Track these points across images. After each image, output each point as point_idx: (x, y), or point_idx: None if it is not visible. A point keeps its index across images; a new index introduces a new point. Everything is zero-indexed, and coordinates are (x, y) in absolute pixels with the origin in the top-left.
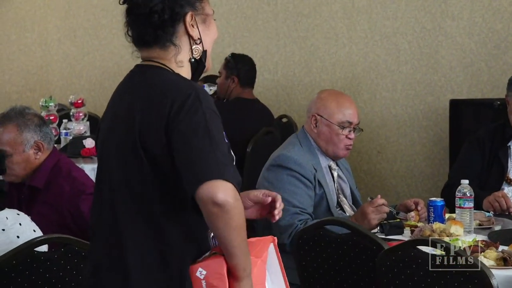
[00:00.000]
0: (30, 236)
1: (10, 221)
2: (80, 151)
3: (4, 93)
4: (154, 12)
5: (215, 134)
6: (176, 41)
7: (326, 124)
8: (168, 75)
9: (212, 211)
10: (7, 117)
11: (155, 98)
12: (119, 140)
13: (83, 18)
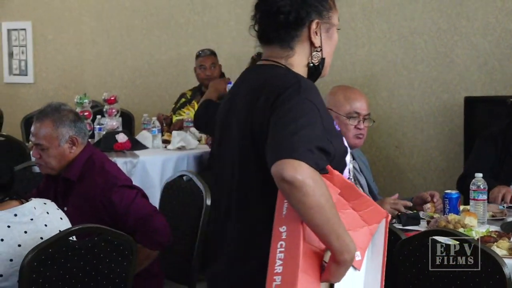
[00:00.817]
0: (57, 225)
1: (38, 211)
2: (113, 146)
3: (41, 91)
4: (280, 12)
5: (303, 121)
6: (295, 45)
7: (335, 116)
8: (279, 70)
9: (282, 188)
10: (44, 113)
11: (265, 90)
12: (238, 131)
13: (116, 20)
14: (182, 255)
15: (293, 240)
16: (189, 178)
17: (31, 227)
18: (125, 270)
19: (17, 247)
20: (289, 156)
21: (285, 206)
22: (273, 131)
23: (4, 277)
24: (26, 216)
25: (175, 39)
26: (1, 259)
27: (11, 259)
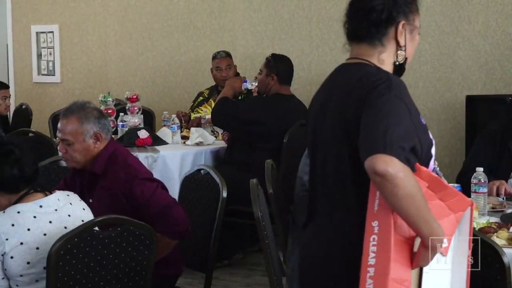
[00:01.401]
0: (80, 215)
1: (61, 202)
2: (135, 141)
3: (68, 89)
4: (374, 11)
5: (394, 118)
6: (384, 41)
7: None
8: (369, 68)
9: (375, 181)
10: (70, 111)
11: (358, 87)
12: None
13: (138, 23)
14: (199, 244)
15: (384, 233)
16: (207, 171)
17: (56, 217)
18: (146, 258)
19: (43, 236)
20: (382, 152)
21: (376, 202)
22: (365, 127)
23: (31, 264)
24: (51, 207)
25: (193, 42)
26: (29, 248)
27: (37, 247)
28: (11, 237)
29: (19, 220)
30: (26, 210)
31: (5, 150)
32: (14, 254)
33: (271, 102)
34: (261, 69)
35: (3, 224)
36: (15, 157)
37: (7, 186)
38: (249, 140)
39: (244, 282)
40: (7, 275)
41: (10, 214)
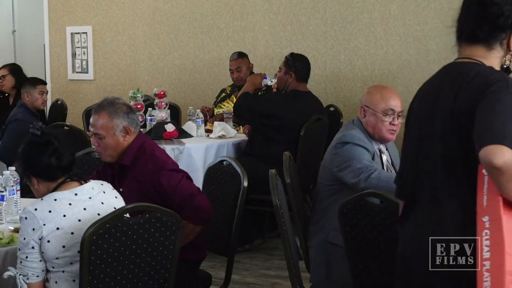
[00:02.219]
0: (112, 203)
1: (95, 191)
2: (162, 134)
3: (100, 86)
4: (503, 15)
5: (510, 114)
6: (502, 44)
7: (372, 113)
8: (483, 67)
9: (491, 172)
10: (101, 106)
11: (472, 82)
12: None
13: (165, 24)
14: (222, 230)
15: (496, 227)
16: (229, 163)
17: (89, 204)
18: (172, 243)
19: (78, 222)
20: (498, 142)
21: (484, 198)
22: (482, 118)
23: (66, 248)
24: (85, 195)
25: (216, 42)
26: (64, 232)
27: (72, 232)
28: (48, 222)
29: (56, 207)
30: (63, 197)
31: (45, 141)
32: (50, 238)
33: (289, 98)
34: (280, 67)
35: (41, 210)
36: (53, 147)
37: (45, 174)
38: (268, 133)
39: (263, 266)
40: (44, 258)
41: (48, 201)
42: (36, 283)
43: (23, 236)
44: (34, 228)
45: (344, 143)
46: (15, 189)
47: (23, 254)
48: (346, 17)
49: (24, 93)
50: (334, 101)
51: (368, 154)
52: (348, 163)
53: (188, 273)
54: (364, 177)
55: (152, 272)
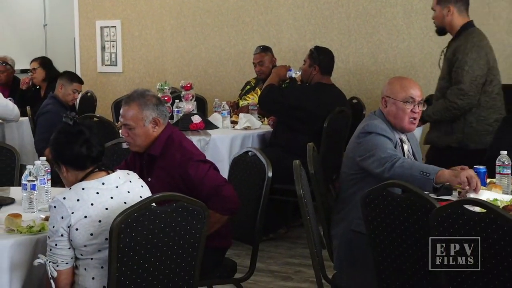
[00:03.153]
0: (138, 191)
1: (122, 180)
2: (189, 126)
3: (128, 79)
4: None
5: None
6: None
7: (393, 103)
8: None
9: None
10: (131, 98)
11: None
12: None
13: (192, 18)
14: (247, 219)
15: None
16: (254, 153)
17: (116, 193)
18: (198, 232)
19: (105, 210)
20: None
21: None
22: None
23: (94, 236)
24: (112, 184)
25: (241, 35)
26: (92, 220)
27: (99, 220)
28: (76, 210)
29: (84, 196)
30: (90, 187)
31: (77, 131)
32: (78, 226)
33: (313, 90)
34: (305, 59)
35: (69, 199)
36: (84, 137)
37: (75, 163)
38: (292, 124)
39: (287, 254)
40: (73, 245)
41: (76, 191)
42: (66, 270)
43: (52, 224)
44: (62, 216)
45: (367, 133)
46: (46, 179)
47: (53, 242)
48: (369, 11)
49: (60, 84)
50: (357, 94)
51: (391, 143)
52: (372, 153)
53: (214, 261)
54: (388, 166)
55: (178, 259)
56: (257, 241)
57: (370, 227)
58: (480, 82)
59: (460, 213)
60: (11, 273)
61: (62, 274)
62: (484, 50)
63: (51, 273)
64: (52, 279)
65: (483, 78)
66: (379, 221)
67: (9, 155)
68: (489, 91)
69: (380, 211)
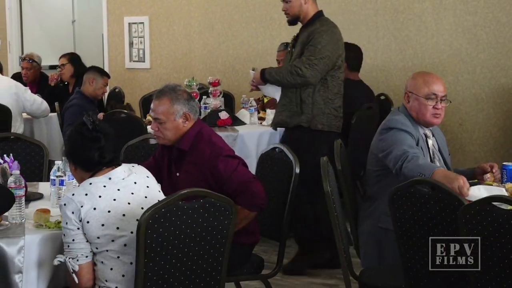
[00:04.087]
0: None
1: (127, 172)
2: (216, 122)
3: (156, 75)
4: None
5: None
6: None
7: (415, 98)
8: None
9: None
10: (162, 92)
11: None
12: None
13: (220, 14)
14: (275, 215)
15: None
16: (281, 150)
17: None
18: (226, 228)
19: (113, 201)
20: None
21: None
22: None
23: (105, 226)
24: (118, 177)
25: (269, 31)
26: (101, 211)
27: (108, 211)
28: (85, 204)
29: (91, 190)
30: (98, 181)
31: (93, 137)
32: (89, 219)
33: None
34: None
35: (77, 194)
36: (99, 145)
37: (85, 165)
38: None
39: None
40: (87, 239)
41: (83, 186)
42: (86, 263)
43: (65, 221)
44: (73, 211)
45: (388, 128)
46: None
47: (69, 238)
48: (397, 7)
49: (91, 78)
50: (385, 90)
51: (411, 138)
52: (390, 149)
53: (241, 257)
54: (399, 167)
55: (206, 255)
56: (285, 237)
57: (397, 224)
58: (328, 63)
59: (488, 210)
60: (39, 267)
61: (84, 268)
62: (336, 36)
63: (73, 267)
64: (75, 274)
65: (331, 61)
66: (406, 218)
67: (37, 150)
68: (337, 76)
69: (408, 208)
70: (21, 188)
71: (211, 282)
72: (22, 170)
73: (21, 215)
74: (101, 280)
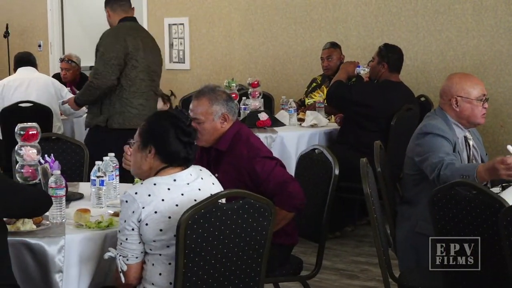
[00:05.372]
0: (209, 189)
1: (193, 177)
2: (256, 123)
3: (196, 76)
4: None
5: None
6: None
7: (467, 102)
8: None
9: None
10: (201, 93)
11: None
12: None
13: (260, 15)
14: (313, 216)
15: None
16: (320, 151)
17: (187, 190)
18: (264, 229)
19: (175, 207)
20: None
21: None
22: None
23: (163, 231)
24: (184, 181)
25: (309, 32)
26: (162, 216)
27: (169, 217)
28: (147, 205)
29: (155, 191)
30: (162, 182)
31: (188, 131)
32: (148, 221)
33: (381, 87)
34: (373, 56)
35: (141, 194)
36: (191, 140)
37: (169, 157)
38: (360, 121)
39: (353, 252)
40: (143, 240)
41: (147, 186)
42: (135, 264)
43: (123, 219)
44: (133, 210)
45: (425, 133)
46: (114, 175)
47: (123, 236)
48: (438, 8)
49: None
50: (425, 91)
51: (447, 144)
52: (426, 156)
53: (280, 258)
54: (436, 175)
55: (245, 256)
56: (324, 239)
57: (437, 226)
58: (115, 64)
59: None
60: (80, 266)
61: (132, 268)
62: (122, 37)
63: (121, 267)
64: (122, 273)
65: (118, 60)
66: (446, 221)
67: (78, 151)
68: (131, 76)
69: (448, 210)
70: (62, 188)
71: (250, 283)
72: (63, 170)
73: (61, 215)
74: (147, 281)
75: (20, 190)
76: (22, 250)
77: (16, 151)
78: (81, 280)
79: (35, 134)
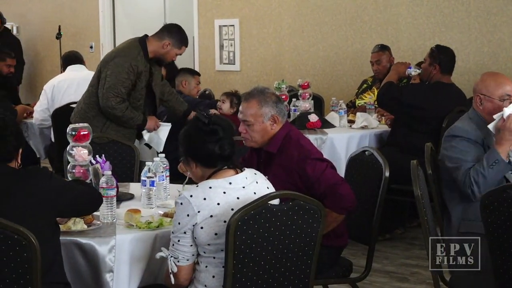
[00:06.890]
0: (264, 192)
1: (249, 180)
2: (306, 124)
3: (246, 77)
4: None
5: None
6: None
7: (489, 100)
8: None
9: None
10: (251, 94)
11: None
12: None
13: (310, 17)
14: (364, 219)
15: None
16: (371, 153)
17: (242, 194)
18: (314, 230)
19: (230, 211)
20: None
21: None
22: None
23: (218, 236)
24: (239, 184)
25: (359, 34)
26: (217, 220)
27: (224, 221)
28: (203, 209)
29: (210, 195)
30: (217, 185)
31: (211, 129)
32: (204, 225)
33: (433, 89)
34: (425, 58)
35: (196, 197)
36: (218, 137)
37: (206, 161)
38: (410, 123)
39: (403, 255)
40: (197, 243)
41: (203, 189)
42: (186, 266)
43: (177, 221)
44: (188, 214)
45: (451, 136)
46: (165, 175)
47: (176, 238)
48: (491, 9)
49: (183, 81)
50: None
51: (474, 147)
52: (454, 165)
53: (329, 260)
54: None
55: (294, 258)
56: (374, 241)
57: (489, 230)
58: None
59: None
60: (130, 266)
61: (182, 270)
62: (130, 57)
63: (172, 268)
64: (172, 274)
65: (128, 81)
66: (498, 224)
67: (129, 151)
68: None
69: (499, 213)
70: (113, 189)
71: (299, 284)
72: (114, 171)
73: (112, 215)
74: (200, 283)
75: (70, 189)
76: (73, 250)
77: (68, 152)
78: (131, 280)
79: (86, 135)
